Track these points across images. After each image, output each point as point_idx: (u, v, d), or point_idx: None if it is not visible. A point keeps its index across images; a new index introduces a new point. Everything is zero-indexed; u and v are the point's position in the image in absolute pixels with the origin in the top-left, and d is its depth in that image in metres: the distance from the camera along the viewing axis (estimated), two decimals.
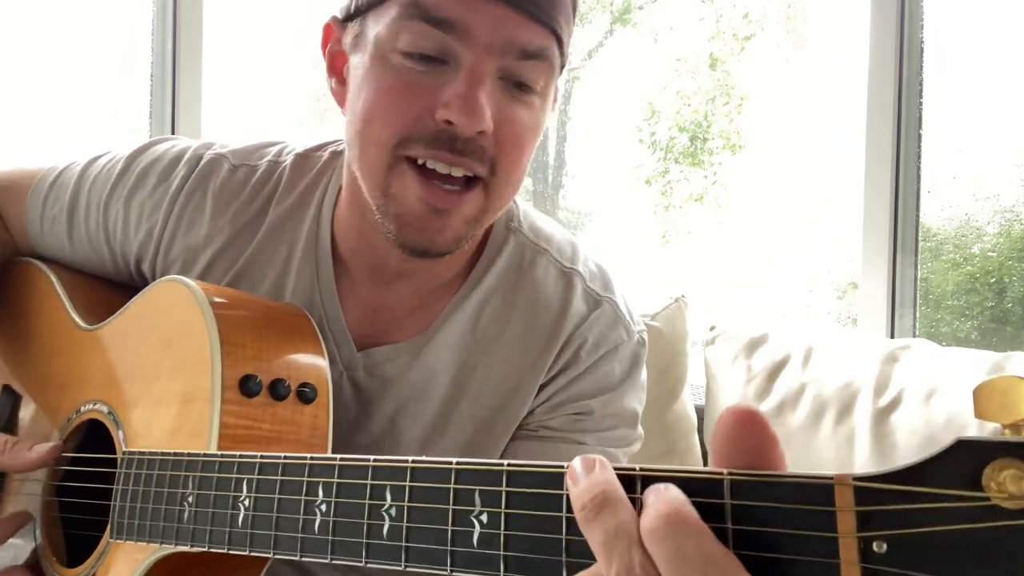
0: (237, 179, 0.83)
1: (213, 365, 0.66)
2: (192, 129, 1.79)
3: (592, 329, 0.81)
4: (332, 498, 0.50)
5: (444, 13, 0.64)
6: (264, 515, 0.54)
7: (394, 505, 0.46)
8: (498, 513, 0.42)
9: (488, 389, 0.79)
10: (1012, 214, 1.85)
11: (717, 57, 2.84)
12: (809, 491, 0.34)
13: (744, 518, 0.35)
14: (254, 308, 0.74)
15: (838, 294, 2.48)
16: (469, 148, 0.66)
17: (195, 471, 0.61)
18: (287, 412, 0.68)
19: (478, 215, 0.71)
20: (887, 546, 0.32)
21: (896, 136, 1.70)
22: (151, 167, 0.85)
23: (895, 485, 0.32)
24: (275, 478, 0.54)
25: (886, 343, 1.41)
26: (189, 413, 0.67)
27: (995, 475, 0.30)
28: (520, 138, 0.69)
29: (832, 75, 2.47)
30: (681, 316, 1.52)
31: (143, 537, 0.64)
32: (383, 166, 0.69)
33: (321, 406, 0.70)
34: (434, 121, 0.66)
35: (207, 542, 0.58)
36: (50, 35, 1.91)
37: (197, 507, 0.59)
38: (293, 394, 0.69)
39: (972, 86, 1.83)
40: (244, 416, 0.65)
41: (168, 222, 0.83)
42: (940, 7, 1.72)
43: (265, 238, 0.81)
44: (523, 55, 0.66)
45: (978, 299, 1.93)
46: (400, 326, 0.81)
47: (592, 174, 2.97)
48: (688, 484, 0.37)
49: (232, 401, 0.65)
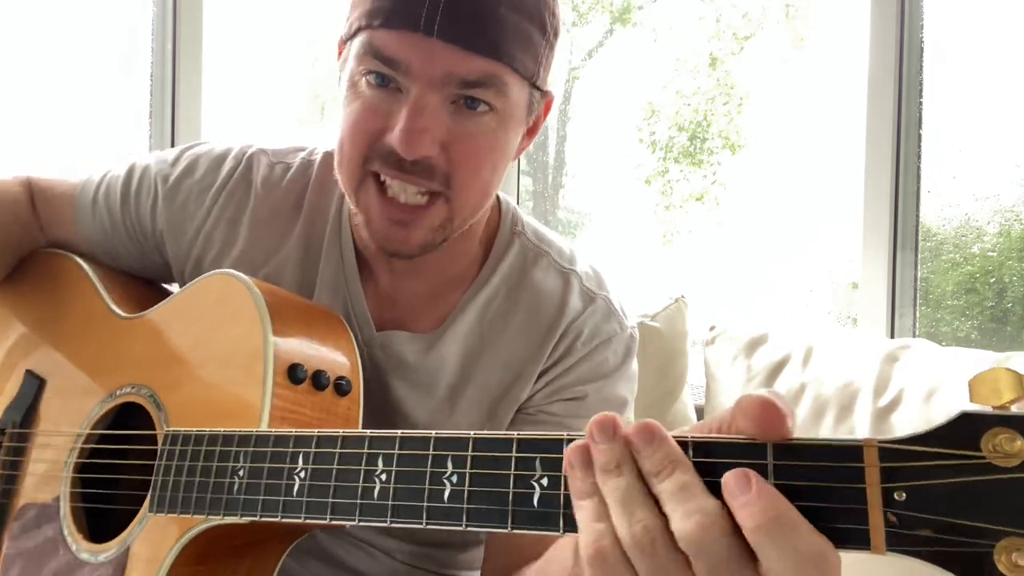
0: (276, 174, 0.93)
1: (266, 352, 0.72)
2: (192, 129, 1.79)
3: (588, 322, 0.88)
4: (392, 467, 0.55)
5: (390, 53, 0.73)
6: (321, 484, 0.59)
7: (455, 472, 0.52)
8: (558, 477, 0.48)
9: (492, 377, 0.87)
10: (1012, 214, 1.85)
11: (717, 57, 2.84)
12: (843, 452, 0.42)
13: (786, 475, 0.43)
14: (297, 305, 0.81)
15: (838, 294, 2.48)
16: (417, 168, 0.74)
17: (247, 446, 0.65)
18: (325, 402, 0.74)
19: (443, 223, 0.78)
20: (906, 495, 0.40)
21: (896, 136, 1.70)
22: (201, 157, 0.94)
23: (913, 447, 0.41)
24: (333, 451, 0.59)
25: (886, 343, 1.41)
26: (237, 396, 0.72)
27: (992, 439, 0.39)
28: (473, 152, 0.76)
29: (832, 75, 2.47)
30: (681, 316, 1.52)
31: (187, 510, 0.68)
32: (354, 181, 0.78)
33: (354, 400, 0.77)
34: (386, 141, 0.74)
35: (259, 511, 0.62)
36: (51, 34, 1.91)
37: (249, 479, 0.64)
38: (332, 385, 0.75)
39: (972, 86, 1.83)
40: (290, 401, 0.71)
41: (214, 209, 0.91)
42: (940, 7, 1.72)
43: (302, 227, 0.90)
44: (465, 84, 0.73)
45: (978, 299, 1.93)
46: (417, 316, 0.89)
47: (592, 174, 2.97)
48: (734, 448, 0.44)
49: (281, 385, 0.71)
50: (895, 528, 0.40)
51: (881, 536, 0.40)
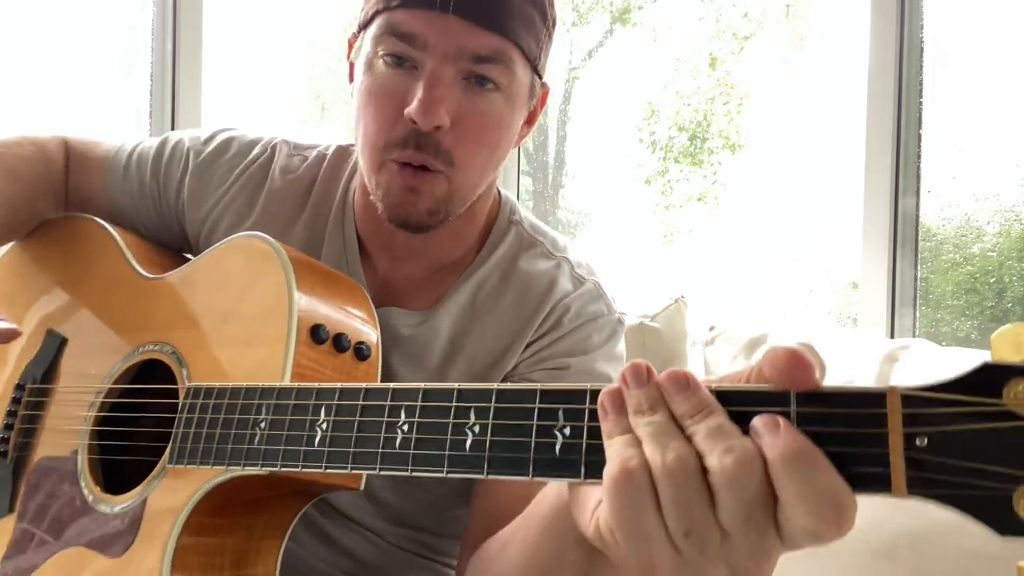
0: (294, 163, 1.00)
1: (291, 310, 0.73)
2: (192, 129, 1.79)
3: (576, 301, 0.92)
4: (415, 419, 0.56)
5: (407, 28, 0.79)
6: (343, 435, 0.59)
7: (478, 423, 0.53)
8: (580, 427, 0.49)
9: (481, 350, 0.90)
10: (1012, 214, 1.85)
11: (717, 57, 2.84)
12: (866, 398, 0.42)
13: (809, 421, 0.43)
14: (321, 270, 0.83)
15: (838, 294, 2.48)
16: (427, 143, 0.79)
17: (270, 399, 0.65)
18: (345, 364, 0.76)
19: (446, 196, 0.83)
20: (927, 440, 0.41)
21: (896, 136, 1.70)
22: (234, 141, 1.02)
23: (935, 394, 0.41)
24: (356, 403, 0.59)
25: (886, 343, 1.41)
26: (259, 354, 0.73)
27: (1014, 388, 0.40)
28: (479, 129, 0.82)
29: (832, 75, 2.47)
30: (681, 316, 1.52)
31: (207, 460, 0.68)
32: (375, 165, 0.83)
33: (372, 364, 0.79)
34: (404, 122, 0.79)
35: (279, 460, 0.63)
36: (50, 34, 1.91)
37: (271, 431, 0.64)
38: (352, 349, 0.77)
39: (972, 86, 1.83)
40: (312, 360, 0.73)
41: (234, 186, 0.98)
42: (940, 7, 1.72)
43: (310, 211, 0.96)
44: (477, 59, 0.79)
45: (978, 299, 1.93)
46: (413, 296, 0.93)
47: (592, 174, 2.97)
48: (757, 396, 0.45)
49: (304, 343, 0.72)
50: (916, 472, 0.41)
51: (902, 479, 0.41)
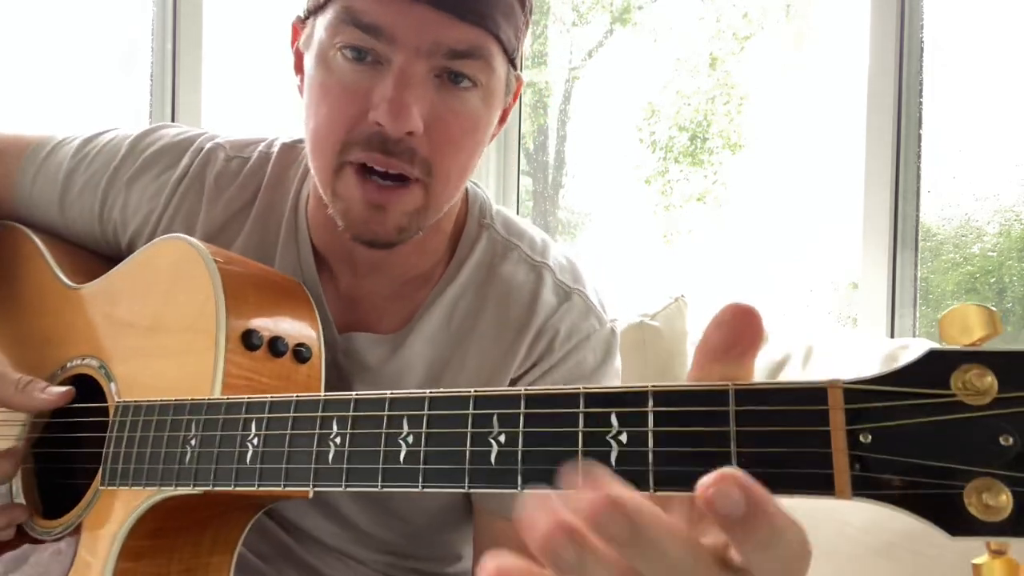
0: (231, 169, 0.88)
1: (218, 317, 0.68)
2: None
3: (564, 320, 0.83)
4: (347, 430, 0.53)
5: (371, 19, 0.67)
6: (275, 451, 0.57)
7: (411, 433, 0.50)
8: (516, 433, 0.46)
9: (461, 381, 0.81)
10: (1012, 214, 1.85)
11: (717, 57, 2.83)
12: (806, 394, 0.40)
13: (747, 421, 0.40)
14: (253, 269, 0.78)
15: (838, 294, 2.48)
16: (399, 149, 0.69)
17: (199, 415, 0.63)
18: (284, 369, 0.71)
19: (419, 209, 0.74)
20: (871, 437, 0.38)
21: (896, 136, 1.70)
22: (158, 153, 0.89)
23: (879, 387, 0.38)
24: (287, 415, 0.57)
25: (886, 343, 1.41)
26: (189, 364, 0.69)
27: (962, 376, 0.36)
28: (455, 135, 0.72)
29: (832, 75, 2.46)
30: (681, 316, 1.52)
31: (139, 481, 0.65)
32: (329, 170, 0.73)
33: (314, 367, 0.74)
34: (368, 123, 0.69)
35: (211, 480, 0.60)
36: (50, 34, 1.91)
37: (201, 448, 0.61)
38: (290, 352, 0.72)
39: (972, 86, 1.82)
40: (245, 368, 0.68)
41: (168, 207, 0.87)
42: (940, 7, 1.72)
43: (253, 224, 0.86)
44: (452, 55, 0.69)
45: (978, 299, 1.93)
46: (380, 316, 0.84)
47: (592, 174, 2.97)
48: (695, 395, 0.42)
49: (235, 352, 0.68)
50: (860, 471, 0.38)
51: (846, 480, 0.38)
